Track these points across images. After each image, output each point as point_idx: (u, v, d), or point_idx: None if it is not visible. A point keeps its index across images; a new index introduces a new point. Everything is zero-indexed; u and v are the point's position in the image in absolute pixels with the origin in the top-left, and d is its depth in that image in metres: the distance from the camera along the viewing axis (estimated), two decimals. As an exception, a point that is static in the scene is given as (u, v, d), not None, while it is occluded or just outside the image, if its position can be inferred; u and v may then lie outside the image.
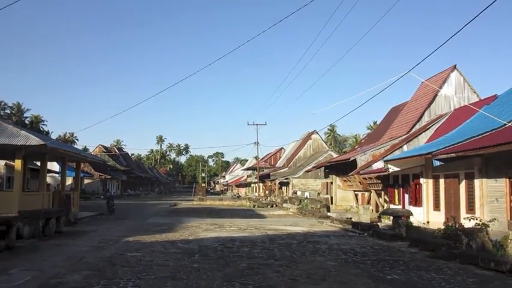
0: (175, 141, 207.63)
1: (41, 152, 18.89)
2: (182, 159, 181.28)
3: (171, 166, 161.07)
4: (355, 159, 29.13)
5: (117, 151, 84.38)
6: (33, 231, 14.37)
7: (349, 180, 29.74)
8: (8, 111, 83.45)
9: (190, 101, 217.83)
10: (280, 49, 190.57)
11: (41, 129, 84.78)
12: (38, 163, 31.07)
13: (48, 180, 32.94)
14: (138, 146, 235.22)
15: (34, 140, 17.03)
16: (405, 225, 15.48)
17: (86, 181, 58.35)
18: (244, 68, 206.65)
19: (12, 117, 79.85)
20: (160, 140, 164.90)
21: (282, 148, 75.87)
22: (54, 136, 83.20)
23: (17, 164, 17.42)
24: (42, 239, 14.26)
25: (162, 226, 19.32)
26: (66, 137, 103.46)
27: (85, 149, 69.46)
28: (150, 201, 51.36)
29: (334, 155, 50.31)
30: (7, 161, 33.49)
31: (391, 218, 17.56)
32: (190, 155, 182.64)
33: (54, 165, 39.97)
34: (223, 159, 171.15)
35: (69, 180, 37.72)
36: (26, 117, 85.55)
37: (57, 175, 40.95)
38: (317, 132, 60.16)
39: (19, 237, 13.39)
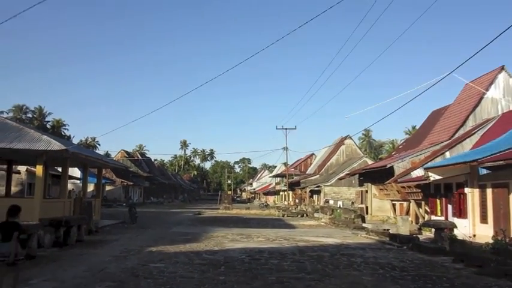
0: (200, 147, 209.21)
1: (62, 157, 19.32)
2: (207, 165, 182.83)
3: (196, 172, 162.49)
4: (392, 166, 28.66)
5: (139, 156, 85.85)
6: (54, 240, 14.70)
7: (386, 189, 29.29)
8: (29, 115, 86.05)
9: (216, 106, 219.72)
10: (311, 50, 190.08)
11: (63, 133, 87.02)
12: (59, 169, 31.87)
13: (70, 186, 33.82)
14: (161, 151, 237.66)
15: (56, 145, 17.38)
16: (449, 238, 15.07)
17: (108, 188, 59.43)
18: (272, 71, 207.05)
19: (34, 122, 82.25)
20: (184, 145, 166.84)
21: (312, 154, 75.48)
22: (75, 141, 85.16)
23: (38, 169, 17.82)
24: (63, 248, 14.56)
25: (187, 236, 19.45)
26: (88, 142, 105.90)
27: (107, 155, 70.87)
28: (174, 209, 51.84)
29: (369, 162, 49.68)
30: (28, 167, 34.42)
31: (433, 230, 17.15)
32: (215, 161, 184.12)
33: (75, 171, 40.92)
34: (250, 166, 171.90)
35: (90, 187, 38.47)
36: (48, 122, 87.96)
37: (78, 181, 41.87)
38: (351, 137, 59.59)
39: (40, 246, 13.70)
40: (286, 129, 55.26)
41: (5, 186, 25.82)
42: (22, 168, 35.37)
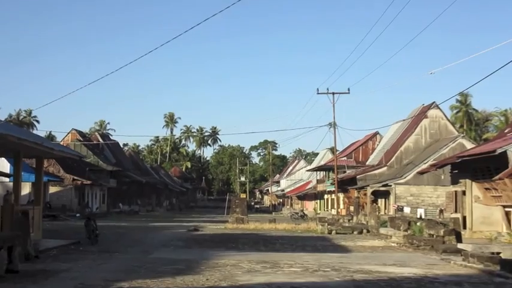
0: (195, 124, 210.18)
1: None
2: (207, 152, 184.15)
3: (189, 164, 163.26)
4: (506, 151, 28.33)
5: (100, 140, 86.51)
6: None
7: (496, 189, 28.96)
8: None
9: (220, 64, 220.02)
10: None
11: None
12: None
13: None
14: (135, 131, 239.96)
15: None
16: None
17: (53, 189, 60.16)
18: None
19: None
20: (170, 120, 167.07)
21: (376, 133, 75.09)
22: (2, 115, 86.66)
23: None
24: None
25: (176, 264, 19.51)
26: (21, 118, 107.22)
27: (50, 137, 71.65)
28: (156, 222, 52.10)
29: (468, 145, 49.15)
30: None
31: None
32: (220, 146, 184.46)
33: (1, 163, 41.42)
34: (277, 153, 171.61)
35: (26, 188, 38.92)
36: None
37: (6, 179, 42.42)
38: (438, 107, 58.90)
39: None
40: (333, 93, 54.94)
41: None
42: None
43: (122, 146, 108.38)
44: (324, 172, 79.85)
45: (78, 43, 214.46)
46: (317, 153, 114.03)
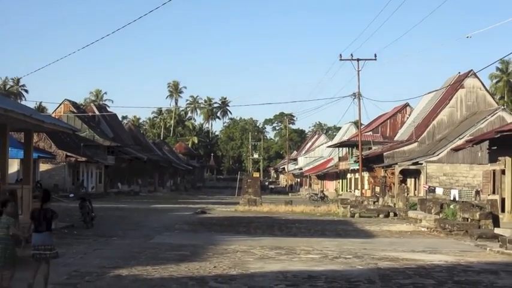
0: (203, 94, 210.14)
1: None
2: (216, 126, 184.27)
3: (196, 140, 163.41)
4: (552, 125, 28.18)
5: (96, 111, 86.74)
6: None
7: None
8: None
9: (230, 26, 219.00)
10: None
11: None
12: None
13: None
14: (135, 102, 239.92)
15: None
16: None
17: (44, 167, 60.43)
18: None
19: None
20: (175, 90, 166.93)
21: (406, 105, 74.80)
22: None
23: None
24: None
25: (181, 250, 19.75)
26: (7, 88, 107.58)
27: (40, 109, 71.95)
28: (158, 204, 52.50)
29: (509, 119, 48.87)
30: None
31: None
32: (230, 119, 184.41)
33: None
34: (293, 127, 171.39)
35: (13, 166, 39.19)
36: None
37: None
38: (475, 75, 58.60)
39: None
40: (358, 60, 54.73)
41: None
42: None
43: (120, 119, 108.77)
44: (347, 149, 79.58)
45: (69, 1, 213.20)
46: (339, 128, 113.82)
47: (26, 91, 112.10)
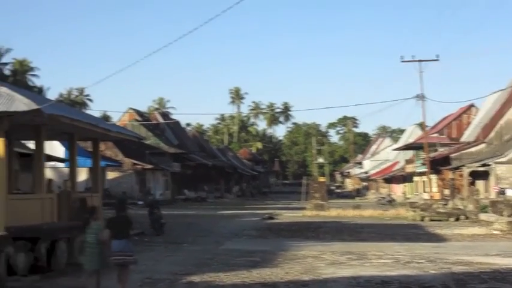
0: (265, 100, 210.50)
1: (33, 124, 19.98)
2: (279, 131, 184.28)
3: (260, 145, 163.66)
4: None
5: (160, 119, 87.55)
6: (31, 262, 15.43)
7: None
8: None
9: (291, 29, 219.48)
10: None
11: (30, 83, 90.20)
12: (31, 144, 33.07)
13: (48, 173, 35.23)
14: (196, 109, 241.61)
15: (22, 103, 17.82)
16: None
17: (111, 175, 61.30)
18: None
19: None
20: (236, 96, 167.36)
21: (471, 106, 73.78)
22: (52, 95, 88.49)
23: (-3, 146, 18.50)
24: (47, 276, 15.28)
25: (251, 256, 19.84)
26: (72, 97, 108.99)
27: (105, 118, 72.81)
28: (226, 210, 52.76)
29: None
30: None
31: None
32: (293, 124, 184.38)
33: (55, 147, 42.43)
34: (357, 130, 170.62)
35: (82, 174, 39.82)
36: (5, 64, 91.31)
37: (62, 164, 43.47)
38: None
39: (11, 272, 14.50)
40: (420, 61, 54.20)
41: None
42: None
43: (184, 126, 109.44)
44: (413, 151, 79.00)
45: (131, 10, 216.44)
46: (403, 130, 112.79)
47: (90, 100, 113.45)
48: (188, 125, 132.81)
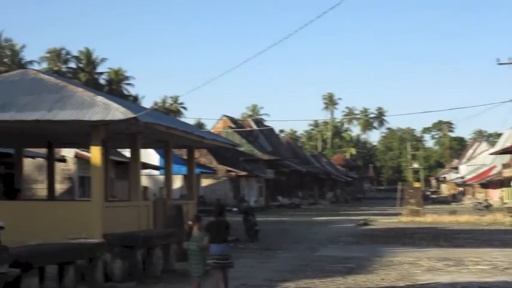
0: (358, 105, 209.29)
1: (129, 133, 20.36)
2: (373, 136, 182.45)
3: (354, 151, 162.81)
4: None
5: (254, 125, 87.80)
6: (128, 269, 15.73)
7: None
8: (72, 64, 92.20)
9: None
10: None
11: (125, 92, 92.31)
12: (126, 152, 33.79)
13: (143, 181, 35.90)
14: (291, 115, 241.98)
15: (118, 112, 18.12)
16: None
17: (205, 182, 61.92)
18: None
19: (79, 74, 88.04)
20: (330, 102, 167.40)
21: None
22: (147, 103, 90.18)
23: (95, 154, 18.80)
24: (143, 283, 15.53)
25: (347, 262, 19.73)
26: (167, 105, 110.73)
27: (199, 125, 73.65)
28: (320, 216, 52.65)
29: None
30: (78, 150, 36.98)
31: None
32: (388, 129, 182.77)
33: (150, 155, 43.23)
34: (453, 135, 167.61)
35: (177, 182, 40.38)
36: (101, 73, 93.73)
37: (156, 172, 44.21)
38: None
39: (107, 279, 14.79)
40: (518, 63, 52.85)
41: (47, 182, 28.00)
42: (69, 154, 38.12)
43: (277, 133, 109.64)
44: (510, 155, 77.16)
45: (225, 19, 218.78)
46: (500, 134, 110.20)
47: (185, 108, 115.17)
48: (282, 131, 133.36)
